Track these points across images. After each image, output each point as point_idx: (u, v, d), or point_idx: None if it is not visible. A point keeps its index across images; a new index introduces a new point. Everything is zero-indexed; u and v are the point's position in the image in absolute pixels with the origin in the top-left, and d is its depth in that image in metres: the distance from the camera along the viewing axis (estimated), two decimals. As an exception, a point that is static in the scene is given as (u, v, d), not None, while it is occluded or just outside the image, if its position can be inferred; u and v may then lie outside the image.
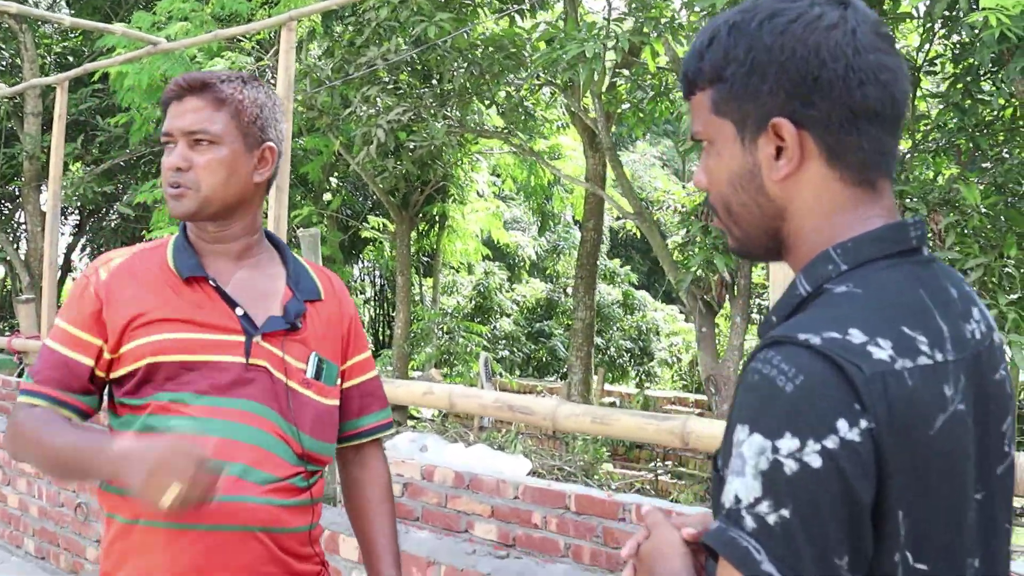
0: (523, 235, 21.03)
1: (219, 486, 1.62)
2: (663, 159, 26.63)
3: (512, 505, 4.46)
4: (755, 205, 1.20)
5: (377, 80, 9.94)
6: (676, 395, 14.22)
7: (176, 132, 1.89)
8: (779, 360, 1.03)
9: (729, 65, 1.17)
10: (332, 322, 2.03)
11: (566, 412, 3.01)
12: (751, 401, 1.04)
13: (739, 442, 1.03)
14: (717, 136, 1.21)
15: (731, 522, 1.02)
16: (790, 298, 1.16)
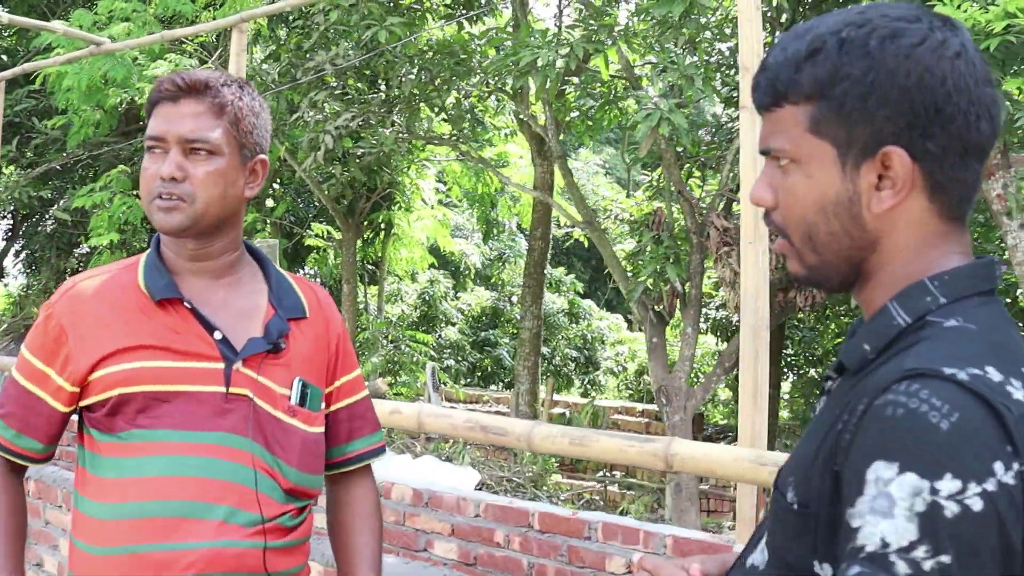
0: (466, 243, 20.93)
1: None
2: (606, 167, 26.74)
3: (473, 523, 4.34)
4: (845, 235, 1.11)
5: (324, 85, 9.77)
6: (623, 405, 14.22)
7: (171, 138, 1.72)
8: (927, 394, 0.96)
9: (840, 83, 1.08)
10: (318, 341, 1.86)
11: (542, 433, 2.90)
12: (898, 436, 0.96)
13: (883, 480, 0.95)
14: (810, 157, 1.11)
15: (877, 567, 0.94)
16: (885, 327, 1.09)
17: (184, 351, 1.71)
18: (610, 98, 10.52)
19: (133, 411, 1.68)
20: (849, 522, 0.98)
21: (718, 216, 8.75)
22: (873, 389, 1.01)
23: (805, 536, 1.08)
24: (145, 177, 1.75)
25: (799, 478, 1.10)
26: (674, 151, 9.14)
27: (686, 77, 7.76)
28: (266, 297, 1.84)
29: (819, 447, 1.07)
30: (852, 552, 0.97)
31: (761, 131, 1.17)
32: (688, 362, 9.09)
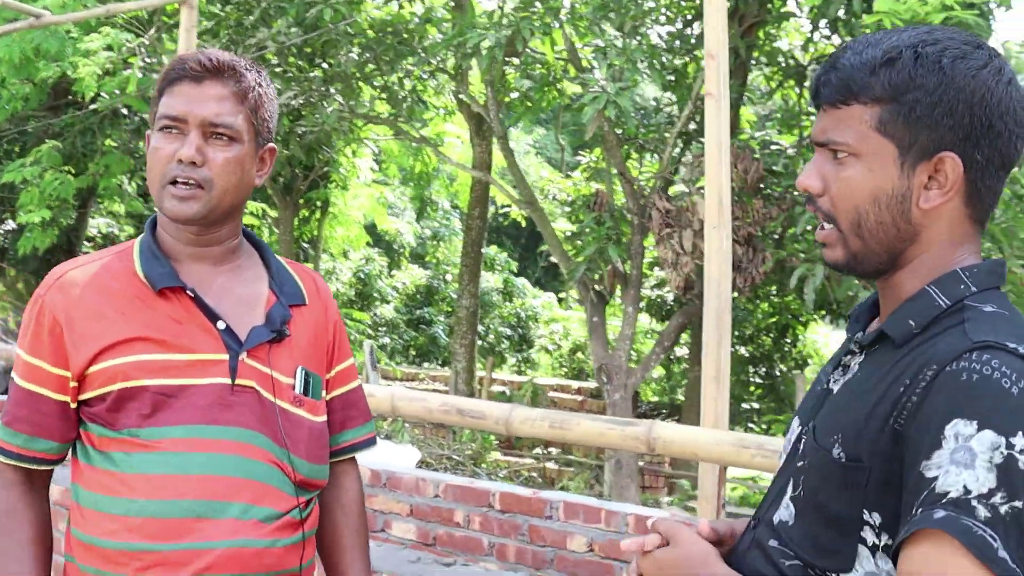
0: (398, 220, 20.83)
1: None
2: (536, 147, 26.81)
3: (432, 504, 4.39)
4: (893, 225, 1.26)
5: (266, 63, 9.64)
6: (559, 382, 14.37)
7: (193, 120, 1.65)
8: (998, 363, 1.12)
9: (913, 91, 1.21)
10: (318, 329, 1.82)
11: (521, 417, 2.95)
12: (975, 398, 1.10)
13: (963, 435, 1.09)
14: (873, 153, 1.25)
15: (961, 511, 1.07)
16: (928, 308, 1.24)
17: (187, 342, 1.66)
18: (549, 79, 10.57)
19: (137, 406, 1.62)
20: (923, 472, 1.11)
21: (660, 197, 8.88)
22: (941, 357, 1.15)
23: (853, 488, 1.20)
24: (158, 157, 1.66)
25: (848, 436, 1.22)
26: (615, 133, 9.24)
27: (630, 61, 7.85)
28: (267, 284, 1.79)
29: (873, 409, 1.20)
30: (932, 498, 1.09)
31: (821, 123, 1.29)
32: (628, 341, 9.23)
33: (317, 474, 1.76)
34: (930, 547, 1.08)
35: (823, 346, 17.16)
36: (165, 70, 1.71)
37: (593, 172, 11.30)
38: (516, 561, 4.07)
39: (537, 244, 26.05)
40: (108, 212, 18.22)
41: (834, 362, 1.41)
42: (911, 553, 1.10)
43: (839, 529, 1.23)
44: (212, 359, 1.66)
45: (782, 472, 1.40)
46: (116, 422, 1.63)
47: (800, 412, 1.44)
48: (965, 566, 1.06)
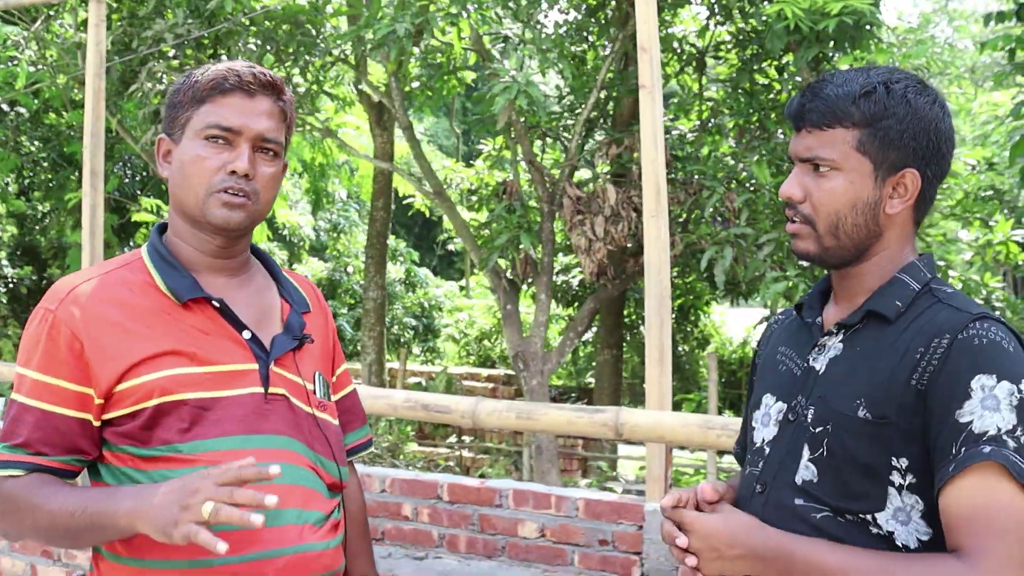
0: (293, 212, 20.51)
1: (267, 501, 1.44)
2: (428, 135, 26.72)
3: (379, 499, 4.40)
4: (865, 227, 1.55)
5: (162, 56, 9.39)
6: (469, 371, 14.40)
7: (246, 132, 1.67)
8: (996, 330, 1.43)
9: (887, 119, 1.51)
10: (323, 335, 1.88)
11: (487, 409, 2.99)
12: (988, 357, 1.40)
13: (987, 387, 1.39)
14: (853, 168, 1.54)
15: (998, 444, 1.36)
16: (905, 290, 1.55)
17: (217, 354, 1.66)
18: (450, 68, 10.57)
19: (175, 421, 1.61)
20: (958, 419, 1.39)
21: (570, 185, 8.99)
22: (950, 328, 1.45)
23: (881, 441, 1.46)
24: (205, 166, 1.67)
25: (870, 399, 1.48)
26: (522, 122, 9.30)
27: (540, 51, 7.93)
28: (277, 293, 1.83)
29: (892, 373, 1.47)
30: (972, 438, 1.38)
31: (805, 142, 1.57)
32: (543, 327, 9.33)
33: (343, 475, 1.81)
34: (979, 476, 1.36)
35: (721, 324, 17.62)
36: (213, 78, 1.69)
37: (496, 160, 11.35)
38: (468, 551, 4.12)
39: (432, 233, 25.98)
40: (-13, 212, 17.51)
41: (797, 344, 1.66)
42: (962, 484, 1.38)
43: (870, 476, 1.47)
44: (243, 369, 1.68)
45: (779, 440, 1.61)
46: (151, 439, 1.61)
47: (773, 390, 1.67)
48: (1007, 486, 1.35)
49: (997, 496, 1.34)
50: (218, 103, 1.68)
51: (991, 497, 1.35)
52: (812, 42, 7.03)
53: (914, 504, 1.45)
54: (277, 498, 1.43)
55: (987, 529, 1.34)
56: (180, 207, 1.72)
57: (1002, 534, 1.34)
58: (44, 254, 16.74)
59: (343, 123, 14.12)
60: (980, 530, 1.35)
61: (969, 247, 10.06)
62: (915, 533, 1.45)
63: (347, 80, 12.26)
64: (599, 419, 2.88)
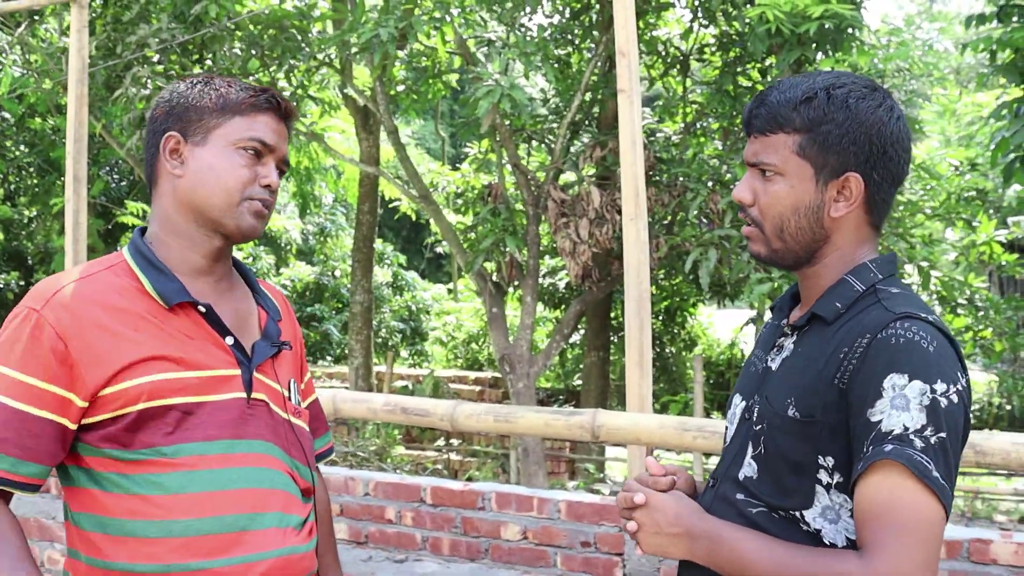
0: (281, 216, 20.50)
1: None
2: (416, 138, 26.73)
3: (362, 502, 4.41)
4: (809, 230, 1.58)
5: (147, 60, 9.38)
6: (456, 374, 14.40)
7: (277, 151, 1.77)
8: (916, 329, 1.44)
9: (826, 124, 1.53)
10: (292, 342, 1.90)
11: (466, 412, 3.00)
12: (903, 356, 1.42)
13: (897, 386, 1.41)
14: (794, 173, 1.56)
15: (904, 443, 1.39)
16: (849, 291, 1.56)
17: (202, 359, 1.67)
18: (435, 72, 10.59)
19: (160, 425, 1.61)
20: (869, 418, 1.42)
21: (554, 188, 9.01)
22: (872, 328, 1.46)
23: (809, 439, 1.50)
24: (239, 176, 1.72)
25: (799, 398, 1.51)
26: (507, 125, 9.32)
27: (524, 54, 7.95)
28: (253, 300, 1.85)
29: (820, 373, 1.50)
30: (880, 437, 1.40)
31: (752, 147, 1.61)
32: (529, 330, 9.35)
33: (314, 480, 1.84)
34: (882, 474, 1.39)
35: (708, 326, 17.66)
36: (252, 95, 1.76)
37: (481, 163, 11.37)
38: (451, 554, 4.14)
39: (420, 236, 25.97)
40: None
41: (765, 345, 1.70)
42: (867, 481, 1.40)
43: (799, 474, 1.51)
44: (226, 375, 1.70)
45: (735, 438, 1.68)
46: (134, 442, 1.61)
47: (741, 389, 1.72)
48: (910, 484, 1.37)
49: (899, 494, 1.37)
50: (254, 119, 1.75)
51: (892, 495, 1.38)
52: (794, 45, 7.07)
53: (843, 503, 1.48)
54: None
55: (886, 526, 1.38)
56: (194, 207, 1.72)
57: (900, 531, 1.36)
58: (31, 259, 16.69)
59: (329, 127, 14.11)
60: (879, 527, 1.38)
61: (953, 247, 10.13)
62: (844, 532, 1.49)
63: (332, 84, 12.26)
64: (576, 421, 2.90)
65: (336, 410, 3.35)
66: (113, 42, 9.37)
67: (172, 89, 1.79)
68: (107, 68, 9.29)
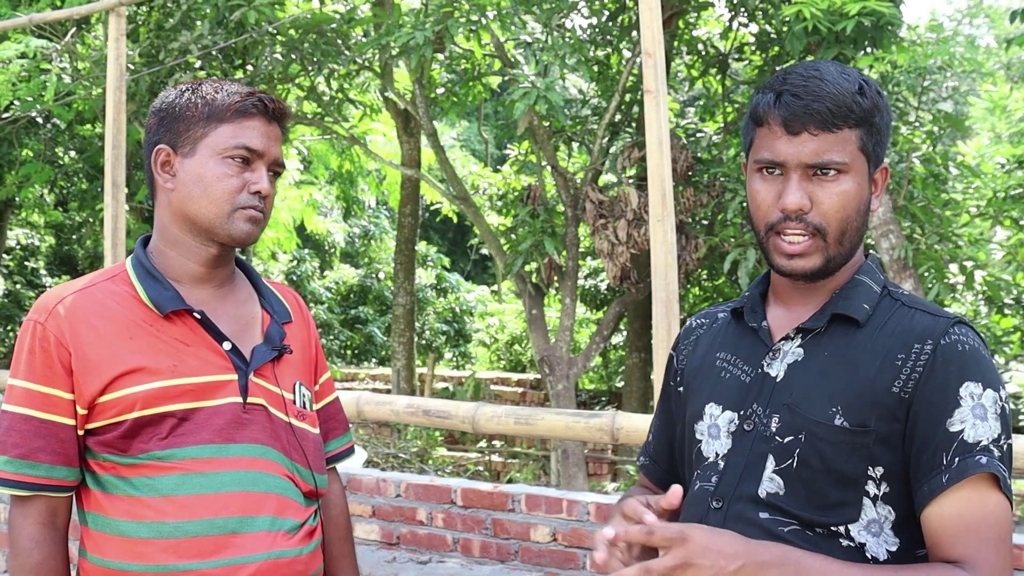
0: (326, 219, 20.69)
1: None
2: (461, 140, 26.82)
3: (394, 503, 4.43)
4: (860, 229, 1.50)
5: (188, 67, 9.51)
6: (498, 375, 14.42)
7: (267, 156, 1.76)
8: (972, 335, 1.43)
9: (878, 114, 1.47)
10: (304, 345, 1.92)
11: (487, 414, 3.01)
12: (974, 364, 1.40)
13: (975, 395, 1.38)
14: (858, 169, 1.47)
15: (988, 454, 1.36)
16: (869, 292, 1.50)
17: (198, 365, 1.71)
18: (475, 74, 10.62)
19: (154, 431, 1.66)
20: (948, 428, 1.38)
21: (592, 189, 8.99)
22: (930, 334, 1.42)
23: (859, 450, 1.42)
24: (229, 185, 1.73)
25: (848, 406, 1.42)
26: (545, 127, 9.32)
27: (559, 56, 7.94)
28: (258, 304, 1.87)
29: (873, 380, 1.42)
30: (965, 448, 1.37)
31: (807, 147, 1.44)
32: (568, 332, 9.33)
33: (322, 484, 1.85)
34: (975, 488, 1.36)
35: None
36: (237, 100, 1.75)
37: (522, 165, 11.38)
38: (481, 555, 4.14)
39: (465, 238, 26.06)
40: (26, 223, 17.79)
41: (742, 350, 1.55)
42: (959, 495, 1.37)
43: (846, 486, 1.42)
44: (222, 380, 1.72)
45: (735, 453, 1.50)
46: (130, 447, 1.67)
47: (720, 399, 1.55)
48: (996, 496, 1.36)
49: (991, 508, 1.36)
50: (241, 125, 1.74)
51: (986, 509, 1.36)
52: (832, 43, 6.99)
53: (887, 515, 1.43)
54: None
55: (984, 540, 1.36)
56: (188, 218, 1.75)
57: (996, 544, 1.36)
58: (80, 263, 17.00)
59: (370, 130, 14.21)
60: (978, 542, 1.36)
61: (1001, 247, 9.94)
62: (884, 544, 1.43)
63: (373, 88, 12.34)
64: (595, 424, 2.89)
65: (360, 412, 3.38)
66: (156, 49, 9.52)
67: (163, 98, 1.80)
68: (151, 74, 9.43)
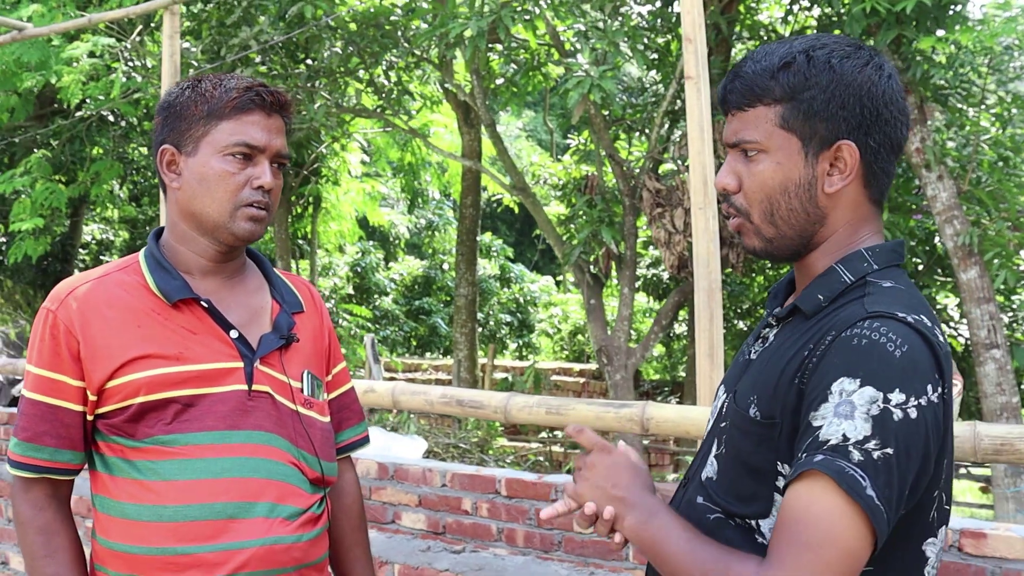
0: (392, 211, 20.87)
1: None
2: (527, 130, 26.82)
3: (440, 493, 4.45)
4: (803, 210, 1.40)
5: (249, 62, 9.66)
6: (560, 366, 14.41)
7: (269, 150, 1.76)
8: (886, 330, 1.27)
9: (809, 89, 1.37)
10: (316, 335, 1.93)
11: (519, 404, 3.01)
12: (861, 359, 1.25)
13: (846, 391, 1.24)
14: (779, 147, 1.39)
15: (838, 455, 1.23)
16: (834, 283, 1.39)
17: (204, 353, 1.73)
18: (534, 64, 10.60)
19: (159, 416, 1.69)
20: (811, 423, 1.26)
21: (649, 178, 8.92)
22: (840, 325, 1.30)
23: (768, 443, 1.34)
24: (231, 182, 1.73)
25: (762, 397, 1.36)
26: (602, 115, 9.26)
27: (612, 43, 7.88)
28: (269, 294, 1.89)
29: (783, 371, 1.34)
30: (815, 445, 1.25)
31: (731, 127, 1.43)
32: (627, 322, 9.28)
33: (329, 471, 1.86)
34: (807, 484, 1.23)
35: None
36: (235, 96, 1.74)
37: (583, 155, 11.34)
38: (525, 545, 4.14)
39: (532, 228, 26.10)
40: (101, 218, 18.26)
41: (755, 335, 1.53)
42: (793, 491, 1.25)
43: (758, 479, 1.36)
44: (228, 367, 1.74)
45: (709, 434, 1.52)
46: (137, 432, 1.70)
47: (726, 381, 1.57)
48: (832, 499, 1.21)
49: (816, 509, 1.22)
50: (241, 121, 1.74)
51: (808, 509, 1.23)
52: (892, 24, 6.82)
53: None
54: None
55: (792, 539, 1.23)
56: (194, 217, 1.78)
57: (805, 548, 1.22)
58: (153, 257, 17.34)
59: (431, 122, 14.28)
60: (786, 539, 1.24)
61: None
62: None
63: (433, 80, 12.39)
64: (625, 414, 2.87)
65: (395, 402, 3.41)
66: (218, 45, 9.68)
67: (166, 96, 1.82)
68: (213, 70, 9.60)
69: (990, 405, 7.35)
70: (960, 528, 3.10)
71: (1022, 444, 2.38)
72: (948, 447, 1.33)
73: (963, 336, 9.33)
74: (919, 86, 7.39)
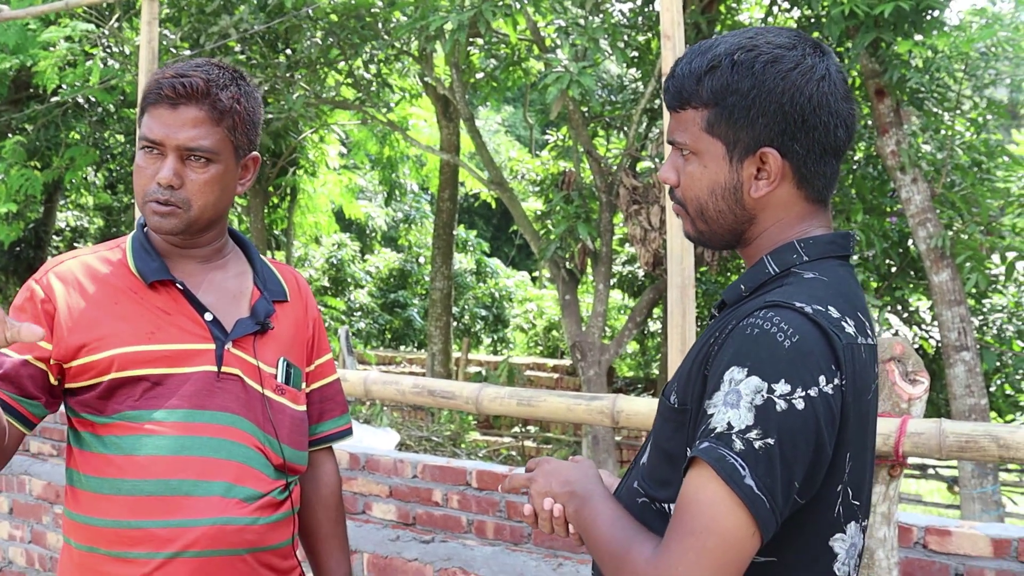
0: (369, 204, 20.82)
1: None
2: (506, 125, 26.83)
3: (411, 484, 4.46)
4: (730, 212, 1.43)
5: (229, 51, 9.61)
6: (534, 361, 14.44)
7: (169, 144, 1.73)
8: (778, 320, 1.28)
9: (731, 95, 1.37)
10: (299, 324, 1.94)
11: (490, 395, 3.02)
12: (750, 349, 1.27)
13: (735, 380, 1.26)
14: (705, 151, 1.41)
15: (721, 443, 1.25)
16: (758, 274, 1.42)
17: (176, 333, 1.76)
18: (514, 59, 10.61)
19: (127, 394, 1.73)
20: (706, 411, 1.29)
21: (627, 175, 8.95)
22: (740, 315, 1.33)
23: (682, 429, 1.37)
24: (141, 176, 1.76)
25: (680, 384, 1.40)
26: (581, 112, 9.28)
27: (592, 39, 7.90)
28: (251, 280, 1.91)
29: (695, 359, 1.37)
30: (704, 432, 1.28)
31: (669, 125, 1.46)
32: (601, 318, 9.32)
33: (297, 459, 1.87)
34: (695, 472, 1.26)
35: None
36: (145, 91, 1.78)
37: (561, 151, 11.36)
38: (495, 537, 4.15)
39: (510, 224, 26.14)
40: (76, 205, 18.11)
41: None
42: (686, 479, 1.28)
43: (672, 465, 1.38)
44: (199, 349, 1.77)
45: (656, 417, 1.55)
46: (107, 408, 1.73)
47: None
48: (713, 487, 1.23)
49: (699, 496, 1.24)
50: (151, 114, 1.75)
51: (694, 496, 1.25)
52: (870, 27, 6.88)
53: None
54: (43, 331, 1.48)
55: (677, 526, 1.26)
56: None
57: (687, 534, 1.24)
58: (127, 245, 17.20)
59: (410, 115, 14.25)
60: (674, 524, 1.27)
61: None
62: None
63: (413, 73, 12.37)
64: (596, 406, 2.89)
65: (367, 391, 3.42)
66: (197, 32, 9.62)
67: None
68: (191, 58, 9.53)
69: (959, 407, 7.44)
70: (925, 525, 3.15)
71: (986, 442, 2.42)
72: (853, 440, 1.33)
73: (934, 338, 9.43)
74: (896, 89, 7.45)
